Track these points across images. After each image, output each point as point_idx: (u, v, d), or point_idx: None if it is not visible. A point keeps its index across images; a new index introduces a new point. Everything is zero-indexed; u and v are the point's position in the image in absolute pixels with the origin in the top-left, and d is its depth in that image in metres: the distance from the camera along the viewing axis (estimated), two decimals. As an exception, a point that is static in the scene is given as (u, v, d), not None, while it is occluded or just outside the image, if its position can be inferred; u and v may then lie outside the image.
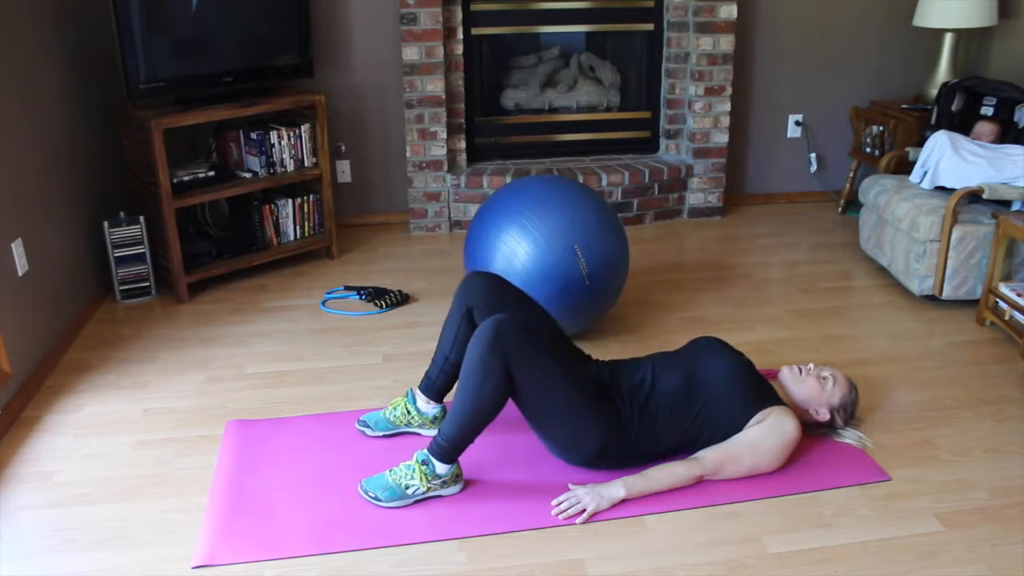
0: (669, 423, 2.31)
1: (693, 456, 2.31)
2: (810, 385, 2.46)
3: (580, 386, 2.25)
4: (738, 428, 2.31)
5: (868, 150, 4.43)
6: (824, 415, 2.46)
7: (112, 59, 3.69)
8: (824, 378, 2.47)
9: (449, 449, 2.20)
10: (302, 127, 3.77)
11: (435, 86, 4.14)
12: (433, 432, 2.51)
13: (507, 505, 2.24)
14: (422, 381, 2.52)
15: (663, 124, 4.56)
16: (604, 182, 4.28)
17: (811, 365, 2.50)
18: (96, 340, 3.22)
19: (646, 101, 4.57)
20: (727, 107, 4.41)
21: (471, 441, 2.20)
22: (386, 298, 3.48)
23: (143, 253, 3.53)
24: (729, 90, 4.37)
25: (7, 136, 2.83)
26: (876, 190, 3.67)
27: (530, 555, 2.07)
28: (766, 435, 2.29)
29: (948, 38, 4.26)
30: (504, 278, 2.50)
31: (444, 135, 4.23)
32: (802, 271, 3.85)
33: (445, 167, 4.28)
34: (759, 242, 4.22)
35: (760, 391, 2.36)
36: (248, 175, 3.73)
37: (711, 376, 2.34)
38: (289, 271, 3.88)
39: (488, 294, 2.42)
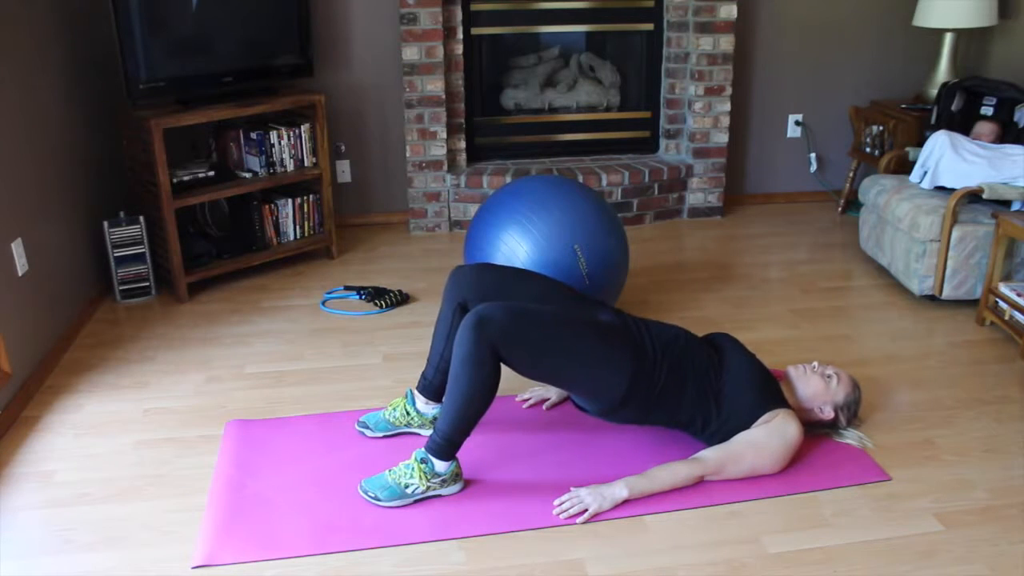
0: (695, 389, 2.32)
1: (695, 456, 2.32)
2: (815, 383, 2.47)
3: (597, 336, 2.24)
4: (746, 424, 2.32)
5: (868, 150, 4.42)
6: (828, 413, 2.47)
7: (112, 59, 3.69)
8: (829, 376, 2.48)
9: (445, 445, 2.20)
10: (302, 127, 3.77)
11: (435, 86, 4.14)
12: (432, 432, 2.51)
13: (507, 505, 2.24)
14: (419, 382, 2.52)
15: (663, 124, 4.56)
16: (604, 182, 4.28)
17: (815, 363, 2.52)
18: (96, 340, 3.22)
19: (646, 101, 4.57)
20: (727, 107, 4.41)
21: (467, 435, 2.20)
22: (386, 298, 3.48)
23: (143, 253, 3.53)
24: (729, 90, 4.37)
25: (7, 136, 2.83)
26: (876, 190, 3.67)
27: (530, 555, 2.07)
28: (770, 436, 2.30)
29: (948, 38, 4.26)
30: (488, 263, 2.50)
31: (444, 135, 4.23)
32: (802, 271, 3.84)
33: (445, 167, 4.28)
34: (759, 242, 4.22)
35: (771, 392, 2.38)
36: (248, 175, 3.73)
37: (732, 366, 2.38)
38: (289, 271, 3.88)
39: (478, 284, 2.42)
